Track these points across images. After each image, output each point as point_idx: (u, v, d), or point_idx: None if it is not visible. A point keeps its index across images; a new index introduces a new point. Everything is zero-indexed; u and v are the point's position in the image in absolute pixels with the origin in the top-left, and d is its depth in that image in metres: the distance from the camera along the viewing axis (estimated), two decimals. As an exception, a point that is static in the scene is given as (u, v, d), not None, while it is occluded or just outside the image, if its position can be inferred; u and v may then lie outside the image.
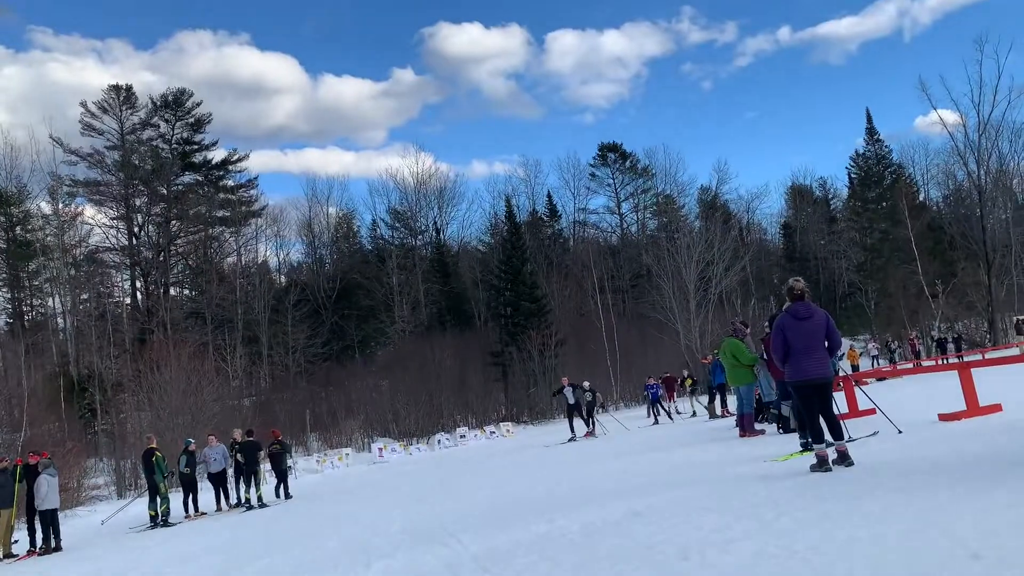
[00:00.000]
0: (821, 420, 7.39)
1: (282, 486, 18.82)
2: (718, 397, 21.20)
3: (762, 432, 12.96)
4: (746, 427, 13.04)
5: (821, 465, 7.22)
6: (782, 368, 7.64)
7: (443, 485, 15.49)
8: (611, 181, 64.70)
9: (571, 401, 22.48)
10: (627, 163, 64.58)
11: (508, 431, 32.89)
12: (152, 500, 16.71)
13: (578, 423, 22.57)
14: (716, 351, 18.77)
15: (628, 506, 7.32)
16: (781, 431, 12.22)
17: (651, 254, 49.36)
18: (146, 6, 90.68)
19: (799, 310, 7.43)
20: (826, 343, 7.42)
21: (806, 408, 7.52)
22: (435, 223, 59.84)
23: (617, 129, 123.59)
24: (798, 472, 7.51)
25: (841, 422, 7.85)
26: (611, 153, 64.37)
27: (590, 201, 65.57)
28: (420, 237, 59.48)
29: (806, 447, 8.71)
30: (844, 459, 7.25)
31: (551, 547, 6.04)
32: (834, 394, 8.79)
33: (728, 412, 20.00)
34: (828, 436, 7.33)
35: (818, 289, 60.98)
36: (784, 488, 6.84)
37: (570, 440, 21.68)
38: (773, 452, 9.60)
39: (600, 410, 24.11)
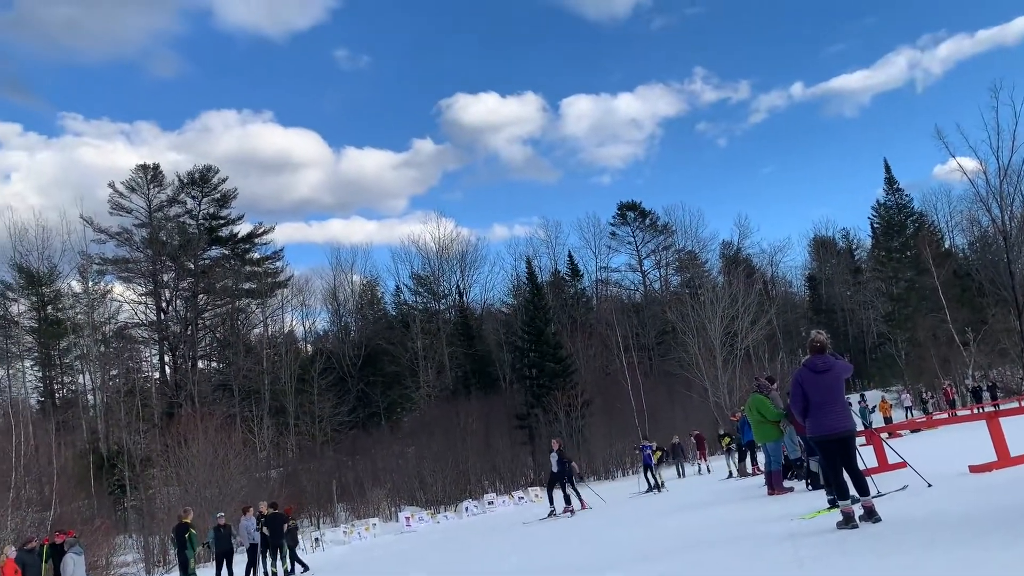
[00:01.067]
0: (846, 475, 7.29)
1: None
2: (748, 455, 20.87)
3: (791, 489, 12.72)
4: (774, 484, 12.81)
5: (847, 522, 7.09)
6: (802, 423, 7.57)
7: (470, 555, 15.30)
8: (632, 239, 64.97)
9: (555, 469, 19.52)
10: (647, 221, 64.87)
11: (537, 496, 32.37)
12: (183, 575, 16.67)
13: (559, 494, 19.49)
14: (743, 408, 18.57)
15: (655, 569, 7.22)
16: (810, 487, 11.99)
17: (675, 311, 49.12)
18: (172, 89, 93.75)
19: (817, 363, 7.39)
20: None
21: (829, 463, 7.42)
22: (458, 287, 60.26)
23: (635, 189, 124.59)
24: (825, 529, 7.38)
25: (868, 477, 7.72)
26: (630, 211, 64.74)
27: (611, 259, 65.80)
28: (443, 301, 59.80)
29: (833, 504, 8.55)
30: (871, 515, 7.11)
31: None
32: (860, 448, 8.66)
33: (758, 470, 19.65)
34: (854, 492, 7.21)
35: (847, 340, 60.27)
36: (811, 546, 6.72)
37: (550, 515, 19.14)
38: (801, 509, 9.43)
39: (577, 480, 20.55)
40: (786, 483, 13.14)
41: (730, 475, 22.80)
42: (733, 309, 44.11)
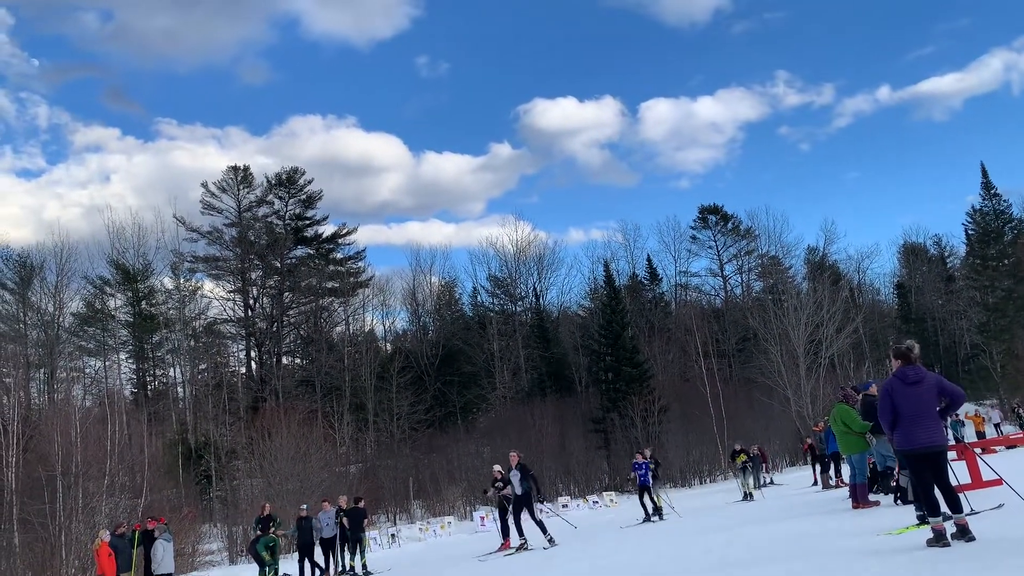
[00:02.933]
0: (937, 491, 6.98)
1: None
2: (832, 466, 20.27)
3: (876, 503, 12.28)
4: (859, 498, 12.38)
5: (938, 540, 6.79)
6: (890, 436, 7.29)
7: (543, 556, 15.29)
8: (713, 243, 63.81)
9: (518, 492, 16.21)
10: (728, 225, 63.62)
11: (612, 501, 32.22)
12: (262, 568, 17.15)
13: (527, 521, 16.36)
14: (827, 418, 18.01)
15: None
16: (899, 502, 11.55)
17: (757, 317, 48.01)
18: (261, 96, 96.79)
19: (908, 374, 7.11)
20: (941, 403, 7.05)
21: (918, 479, 7.13)
22: (535, 289, 60.29)
23: (715, 193, 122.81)
24: (914, 547, 7.08)
25: (960, 494, 7.38)
26: (712, 215, 63.62)
27: (691, 264, 64.75)
28: (520, 303, 59.92)
29: (923, 520, 8.21)
30: (964, 534, 6.79)
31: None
32: (952, 463, 8.29)
33: (842, 482, 19.03)
34: (945, 509, 6.91)
35: (937, 351, 57.84)
36: (897, 564, 6.46)
37: (501, 550, 16.37)
38: (888, 525, 9.09)
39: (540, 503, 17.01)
40: (872, 497, 12.70)
41: (745, 497, 21.67)
42: (818, 316, 42.86)
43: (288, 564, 19.85)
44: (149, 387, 52.94)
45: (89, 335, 49.66)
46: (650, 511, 19.71)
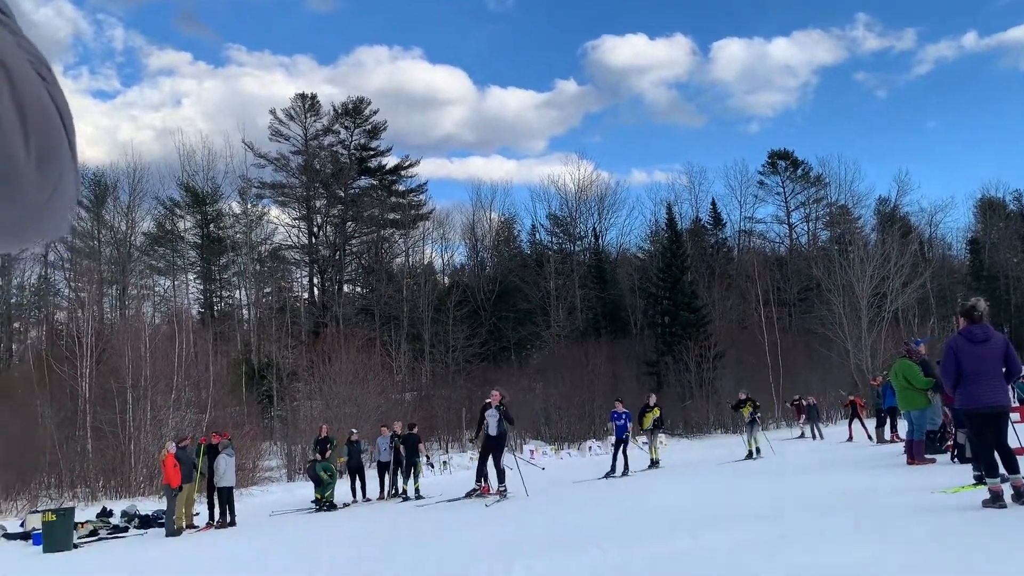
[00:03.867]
0: (996, 452, 6.84)
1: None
2: (888, 421, 19.97)
3: (932, 460, 12.10)
4: (915, 454, 12.22)
5: (994, 501, 6.68)
6: (952, 394, 7.14)
7: (590, 492, 15.52)
8: (780, 190, 62.21)
9: (492, 432, 15.16)
10: (798, 171, 61.85)
11: (661, 443, 32.36)
12: (319, 487, 17.80)
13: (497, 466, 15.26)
14: (886, 372, 17.68)
15: (778, 528, 7.08)
16: (956, 460, 11.36)
17: (821, 267, 47.07)
18: (329, 25, 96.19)
19: (975, 332, 6.92)
20: (1003, 369, 6.86)
21: (978, 438, 6.99)
22: (594, 229, 59.81)
23: (785, 138, 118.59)
24: (968, 506, 6.99)
25: (1020, 456, 7.22)
26: (782, 160, 61.88)
27: (757, 210, 63.32)
28: (578, 243, 59.61)
29: (980, 480, 8.07)
30: (1021, 496, 6.67)
31: (693, 564, 5.95)
32: (1014, 425, 8.09)
33: (898, 438, 18.77)
34: (1003, 470, 6.77)
35: (1009, 310, 55.94)
36: (951, 522, 6.39)
37: (473, 492, 15.17)
38: (943, 483, 8.96)
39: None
40: (928, 455, 12.52)
41: (749, 455, 19.91)
42: (884, 269, 41.78)
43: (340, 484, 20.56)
44: (215, 308, 54.63)
45: (159, 255, 51.25)
46: (619, 468, 18.71)
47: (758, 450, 20.18)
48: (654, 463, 20.73)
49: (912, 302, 43.62)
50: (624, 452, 19.15)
